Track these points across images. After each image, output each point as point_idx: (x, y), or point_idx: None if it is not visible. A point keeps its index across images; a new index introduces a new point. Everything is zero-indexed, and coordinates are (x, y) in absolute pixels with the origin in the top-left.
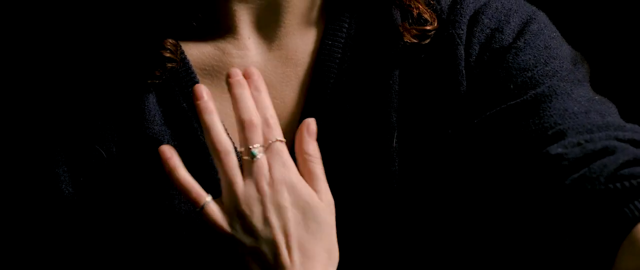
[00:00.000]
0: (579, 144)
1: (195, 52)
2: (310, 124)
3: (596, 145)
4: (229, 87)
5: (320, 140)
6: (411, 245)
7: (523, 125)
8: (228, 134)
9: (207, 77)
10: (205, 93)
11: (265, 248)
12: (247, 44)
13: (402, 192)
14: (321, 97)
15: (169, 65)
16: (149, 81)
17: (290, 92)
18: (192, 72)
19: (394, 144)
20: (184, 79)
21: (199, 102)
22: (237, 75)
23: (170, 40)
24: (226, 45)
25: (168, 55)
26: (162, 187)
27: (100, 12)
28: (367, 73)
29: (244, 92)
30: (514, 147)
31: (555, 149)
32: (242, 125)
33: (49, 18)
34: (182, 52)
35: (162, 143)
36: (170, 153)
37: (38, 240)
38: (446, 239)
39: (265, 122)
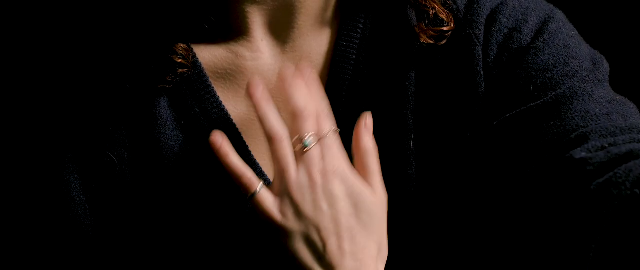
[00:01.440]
0: (603, 147)
1: (207, 55)
2: (368, 117)
3: (621, 149)
4: (285, 80)
5: (344, 142)
6: (428, 248)
7: (544, 127)
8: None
9: (219, 81)
10: (259, 87)
11: (315, 236)
12: (260, 47)
13: (420, 195)
14: (336, 99)
15: (181, 70)
16: (159, 86)
17: None
18: (205, 76)
19: (411, 147)
20: (196, 82)
21: (254, 94)
22: (289, 71)
23: (181, 45)
24: (239, 48)
25: (180, 60)
26: (175, 192)
27: (110, 16)
28: (383, 74)
29: (298, 84)
30: (535, 150)
31: (579, 153)
32: (296, 115)
33: (57, 23)
34: (194, 56)
35: (174, 148)
36: (221, 139)
37: (50, 249)
38: (463, 241)
39: (318, 114)
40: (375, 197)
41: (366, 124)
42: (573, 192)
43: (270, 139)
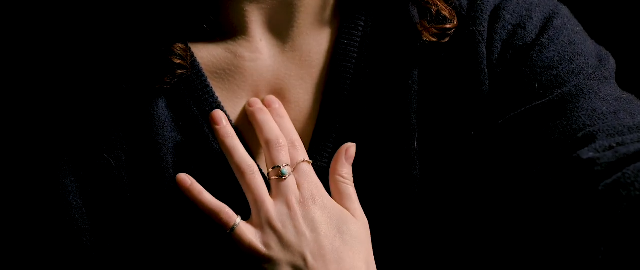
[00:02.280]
0: (611, 147)
1: (206, 55)
2: (350, 148)
3: (629, 149)
4: (251, 115)
5: (338, 144)
6: (432, 249)
7: (550, 126)
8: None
9: (218, 80)
10: (223, 118)
11: (301, 262)
12: (259, 46)
13: (424, 196)
14: (338, 99)
15: (179, 71)
16: (157, 86)
17: (305, 95)
18: (203, 76)
19: (415, 147)
20: (195, 82)
21: (218, 127)
22: (257, 103)
23: (179, 45)
24: (237, 48)
25: (178, 61)
26: (173, 195)
27: (106, 16)
28: (385, 73)
29: (267, 117)
30: (541, 150)
31: (587, 153)
32: (269, 146)
33: (52, 23)
34: (192, 55)
35: (172, 150)
36: (189, 180)
37: (46, 254)
38: (468, 243)
39: (292, 144)
40: (356, 220)
41: (347, 153)
42: (581, 194)
43: (240, 172)
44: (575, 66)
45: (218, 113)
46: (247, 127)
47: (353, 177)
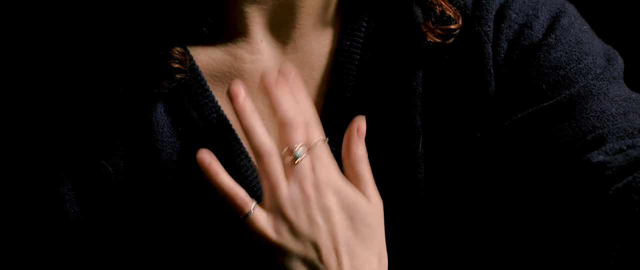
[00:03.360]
0: (621, 150)
1: (205, 58)
2: (361, 123)
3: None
4: (266, 87)
5: (341, 147)
6: (438, 253)
7: (558, 128)
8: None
9: (217, 84)
10: (242, 92)
11: (312, 254)
12: (260, 48)
13: (429, 200)
14: (340, 102)
15: (178, 76)
16: (155, 91)
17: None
18: (202, 79)
19: (420, 150)
20: (194, 86)
21: (236, 103)
22: (273, 76)
23: (178, 49)
24: (238, 50)
25: (176, 65)
26: (173, 202)
27: (102, 19)
28: (389, 75)
29: (283, 91)
30: (549, 153)
31: (597, 156)
32: (284, 126)
33: (47, 28)
34: (191, 59)
35: (171, 155)
36: (209, 158)
37: (44, 262)
38: (474, 247)
39: (307, 122)
40: (370, 205)
41: (358, 130)
42: (591, 198)
43: (258, 154)
44: (583, 66)
45: (236, 85)
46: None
47: (367, 155)
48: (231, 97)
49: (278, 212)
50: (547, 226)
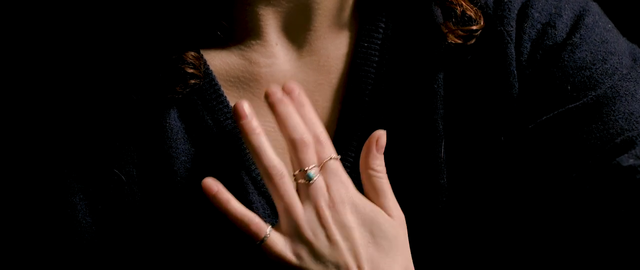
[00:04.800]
0: None
1: (219, 62)
2: (381, 137)
3: None
4: (271, 106)
5: (360, 153)
6: (461, 260)
7: (585, 131)
8: None
9: (232, 89)
10: (248, 110)
11: None
12: (275, 51)
13: (452, 206)
14: (358, 106)
15: (192, 81)
16: (168, 96)
17: (324, 102)
18: (216, 84)
19: (442, 155)
20: (208, 91)
21: (243, 122)
22: (277, 92)
23: (191, 53)
24: (252, 54)
25: (191, 70)
26: (188, 211)
27: (115, 26)
28: (409, 77)
29: (289, 110)
30: (576, 156)
31: (627, 160)
32: (294, 146)
33: (58, 34)
34: (205, 63)
35: (186, 163)
36: (216, 186)
37: None
38: (499, 253)
39: (317, 140)
40: (391, 219)
41: (377, 144)
42: (622, 203)
43: (268, 176)
44: (609, 66)
45: (242, 105)
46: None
47: (385, 168)
48: (236, 116)
49: (296, 234)
50: (575, 231)
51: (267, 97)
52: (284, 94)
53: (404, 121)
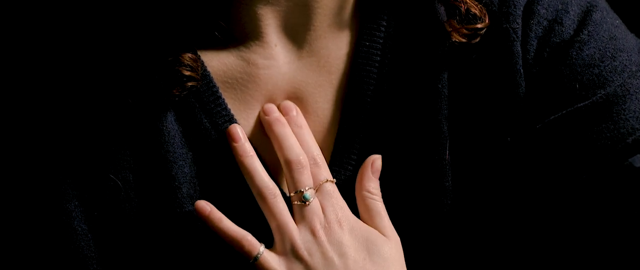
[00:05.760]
0: None
1: (217, 64)
2: (376, 161)
3: None
4: (267, 126)
5: (362, 155)
6: (465, 264)
7: (595, 131)
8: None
9: (230, 90)
10: (241, 134)
11: None
12: (274, 52)
13: (457, 209)
14: (360, 107)
15: (189, 83)
16: (165, 99)
17: (325, 103)
18: (214, 86)
19: (447, 156)
20: (205, 93)
21: (236, 145)
22: (274, 111)
23: (188, 55)
24: (251, 55)
25: (188, 73)
26: (186, 217)
27: (110, 27)
28: (412, 77)
29: (286, 131)
30: (586, 156)
31: (639, 160)
32: (290, 167)
33: (52, 35)
34: (203, 64)
35: (183, 167)
36: (208, 207)
37: None
38: (505, 257)
39: (313, 162)
40: (386, 239)
41: (373, 166)
42: (634, 206)
43: (262, 196)
44: (618, 63)
45: (235, 129)
46: (262, 140)
47: (380, 191)
48: (230, 138)
49: (290, 253)
50: (584, 235)
51: (264, 114)
52: (281, 113)
53: (407, 122)
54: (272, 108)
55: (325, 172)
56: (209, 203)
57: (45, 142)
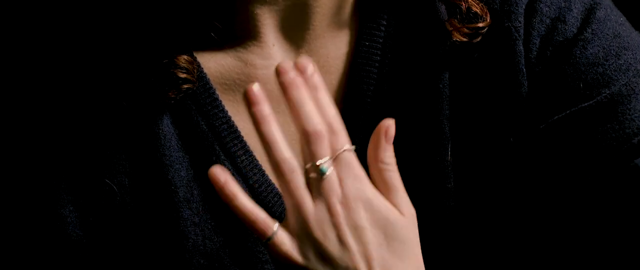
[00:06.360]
0: None
1: (214, 65)
2: (390, 126)
3: None
4: (283, 88)
5: (364, 157)
6: (469, 265)
7: (600, 131)
8: None
9: (228, 93)
10: (259, 95)
11: None
12: (272, 53)
13: (460, 210)
14: (360, 107)
15: (185, 86)
16: (161, 101)
17: None
18: (211, 88)
19: (448, 157)
20: (202, 95)
21: (255, 108)
22: (289, 71)
23: (184, 57)
24: (248, 55)
25: (183, 75)
26: (183, 222)
27: (103, 29)
28: (412, 77)
29: (303, 95)
30: (591, 158)
31: None
32: (307, 137)
33: (46, 38)
34: (199, 66)
35: (180, 171)
36: (224, 177)
37: None
38: (508, 259)
39: (330, 128)
40: (404, 218)
41: (387, 134)
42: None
43: (279, 171)
44: (623, 62)
45: (253, 89)
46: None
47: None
48: (249, 103)
49: (304, 233)
50: (589, 237)
51: (278, 74)
52: (296, 72)
53: (408, 123)
54: (287, 66)
55: (343, 140)
56: (225, 172)
57: (39, 146)
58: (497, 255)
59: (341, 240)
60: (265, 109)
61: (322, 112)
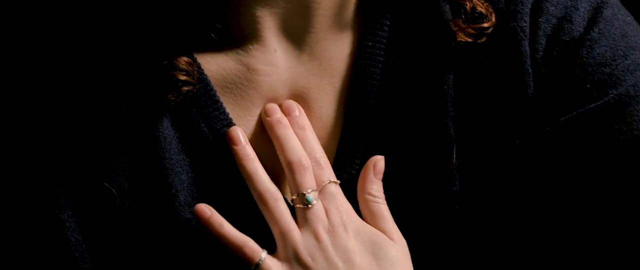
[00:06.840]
0: None
1: (214, 67)
2: (378, 162)
3: None
4: (269, 127)
5: (366, 159)
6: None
7: (608, 133)
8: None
9: (229, 95)
10: (242, 137)
11: None
12: (274, 58)
13: (465, 214)
14: (364, 110)
15: (185, 88)
16: (161, 104)
17: (328, 108)
18: (212, 90)
19: (454, 160)
20: (203, 97)
21: (236, 147)
22: (276, 112)
23: (184, 58)
24: (250, 59)
25: (183, 77)
26: (184, 226)
27: (101, 30)
28: (417, 78)
29: (288, 132)
30: (598, 160)
31: None
32: (292, 169)
33: (44, 40)
34: (199, 68)
35: (180, 174)
36: (209, 211)
37: None
38: (512, 261)
39: (316, 163)
40: (393, 242)
41: (376, 168)
42: None
43: (263, 200)
44: (631, 62)
45: (235, 131)
46: (263, 146)
47: (384, 196)
48: (230, 141)
49: (293, 259)
50: (598, 239)
51: (265, 115)
52: (283, 113)
53: (413, 125)
54: (274, 108)
55: (328, 173)
56: (209, 207)
57: (37, 150)
58: (503, 259)
59: (330, 263)
60: (246, 147)
61: (308, 149)
